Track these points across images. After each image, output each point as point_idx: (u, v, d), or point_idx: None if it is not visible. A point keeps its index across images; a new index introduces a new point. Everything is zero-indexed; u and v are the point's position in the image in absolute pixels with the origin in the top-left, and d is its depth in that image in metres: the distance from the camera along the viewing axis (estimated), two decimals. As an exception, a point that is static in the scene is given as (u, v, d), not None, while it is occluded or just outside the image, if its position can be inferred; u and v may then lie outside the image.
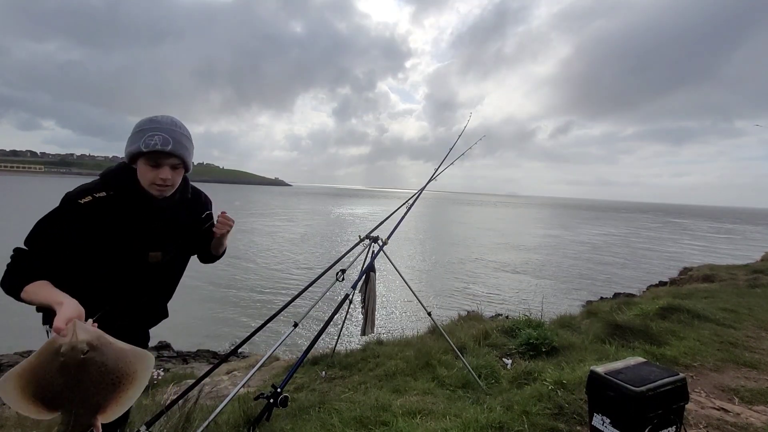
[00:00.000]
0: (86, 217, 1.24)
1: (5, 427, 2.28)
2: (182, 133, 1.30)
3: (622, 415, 1.68)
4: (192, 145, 1.35)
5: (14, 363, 6.74)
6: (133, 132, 1.27)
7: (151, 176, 1.26)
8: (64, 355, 0.87)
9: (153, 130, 1.24)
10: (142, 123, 1.27)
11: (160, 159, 1.25)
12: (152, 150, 1.22)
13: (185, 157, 1.30)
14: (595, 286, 16.91)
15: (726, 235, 49.02)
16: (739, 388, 2.69)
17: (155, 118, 1.28)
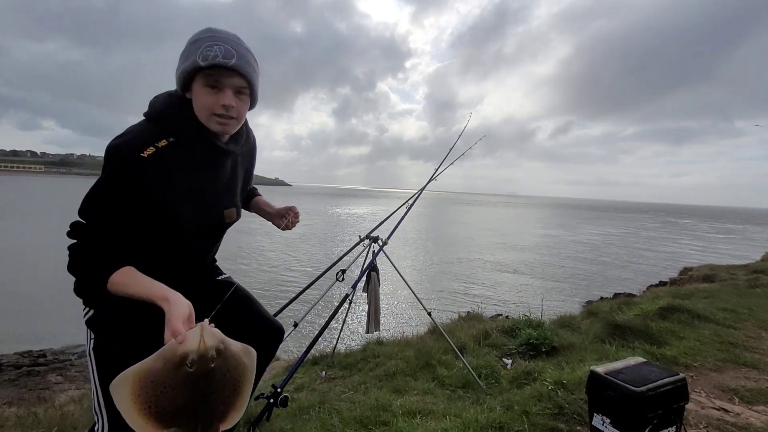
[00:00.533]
0: (151, 173, 0.96)
1: (5, 427, 2.27)
2: (248, 49, 1.01)
3: (622, 415, 1.68)
4: (259, 69, 1.05)
5: (14, 363, 6.76)
6: (186, 45, 0.99)
7: (210, 102, 0.97)
8: (193, 365, 0.76)
9: (211, 41, 0.95)
10: (196, 34, 0.99)
11: (222, 78, 0.96)
12: (212, 63, 0.93)
13: (253, 79, 1.01)
14: (595, 286, 16.90)
15: (726, 235, 49.04)
16: (739, 388, 2.69)
17: (214, 28, 1.00)
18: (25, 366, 6.65)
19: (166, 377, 0.76)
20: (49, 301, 12.18)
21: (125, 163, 0.95)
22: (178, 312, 0.86)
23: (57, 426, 2.24)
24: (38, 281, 14.31)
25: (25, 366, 6.65)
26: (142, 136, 1.00)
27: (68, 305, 6.65)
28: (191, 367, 0.76)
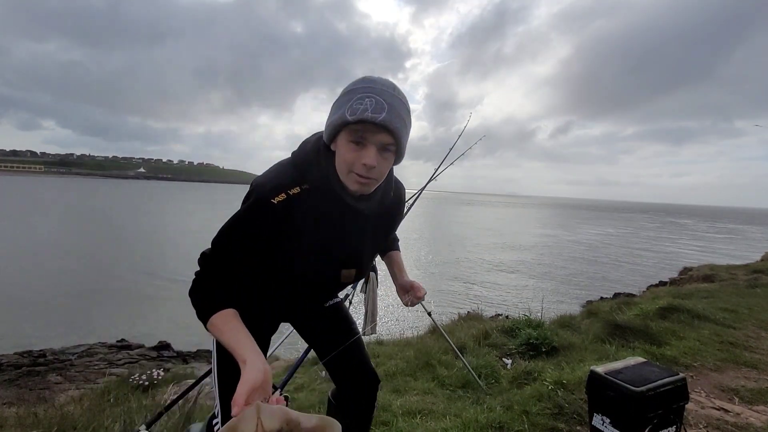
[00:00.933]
0: (279, 220, 0.97)
1: (5, 426, 2.28)
2: (401, 100, 0.94)
3: (622, 415, 1.68)
4: (410, 123, 0.99)
5: (14, 363, 6.76)
6: (340, 96, 0.96)
7: (351, 159, 0.92)
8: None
9: (364, 93, 0.90)
10: (352, 83, 0.95)
11: (367, 133, 0.90)
12: (360, 118, 0.88)
13: (400, 136, 0.93)
14: (595, 286, 16.91)
15: (726, 235, 49.05)
16: (739, 388, 2.70)
17: (371, 77, 0.95)
18: (25, 366, 6.65)
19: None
20: (49, 301, 12.19)
21: (257, 205, 0.97)
22: (249, 378, 0.82)
23: (57, 426, 2.24)
24: (38, 281, 14.32)
25: (25, 366, 6.65)
26: (280, 180, 1.00)
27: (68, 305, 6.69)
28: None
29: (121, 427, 2.23)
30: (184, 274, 16.64)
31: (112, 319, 10.96)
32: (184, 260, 19.27)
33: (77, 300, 12.48)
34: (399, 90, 0.95)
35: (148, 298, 13.12)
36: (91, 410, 2.60)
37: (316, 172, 0.99)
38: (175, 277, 16.06)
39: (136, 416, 2.37)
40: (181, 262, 18.77)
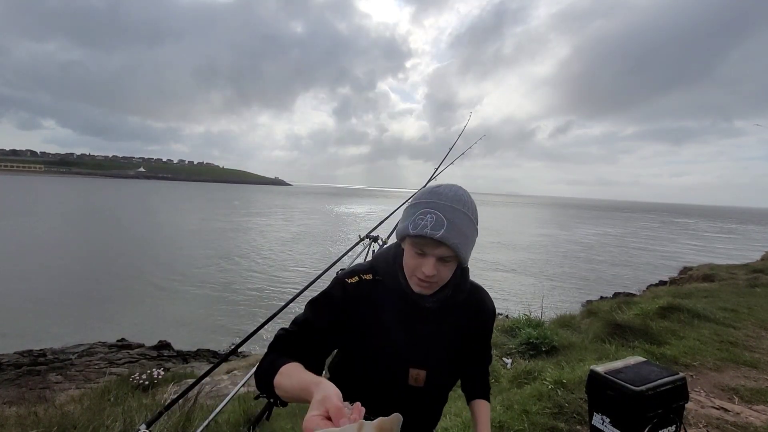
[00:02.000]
0: (350, 299, 1.05)
1: (6, 426, 2.28)
2: (464, 213, 0.98)
3: (622, 414, 1.68)
4: (476, 230, 1.02)
5: (15, 362, 6.76)
6: (410, 205, 1.03)
7: (413, 265, 0.99)
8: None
9: (428, 206, 0.97)
10: (421, 194, 1.02)
11: (427, 247, 0.95)
12: (419, 234, 0.94)
13: (459, 249, 0.95)
14: (595, 285, 16.92)
15: (726, 235, 49.05)
16: (738, 388, 2.70)
17: (438, 189, 1.00)
18: (26, 365, 6.65)
19: None
20: (49, 300, 12.19)
21: (335, 283, 1.09)
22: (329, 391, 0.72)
23: (57, 425, 2.24)
24: (38, 281, 14.32)
25: (26, 365, 6.65)
26: (356, 268, 1.12)
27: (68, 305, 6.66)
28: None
29: (122, 426, 2.24)
30: (183, 273, 16.65)
31: (112, 318, 10.96)
32: (184, 260, 19.27)
33: (77, 299, 12.48)
34: (465, 201, 0.99)
35: (148, 298, 13.12)
36: (92, 409, 2.60)
37: (386, 267, 1.09)
38: (175, 276, 16.07)
39: (136, 415, 2.37)
40: (181, 262, 18.78)
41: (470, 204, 1.00)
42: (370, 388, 1.07)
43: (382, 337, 1.05)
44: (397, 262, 1.06)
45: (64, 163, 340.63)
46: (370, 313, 1.05)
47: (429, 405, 1.15)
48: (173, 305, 12.57)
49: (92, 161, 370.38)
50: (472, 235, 1.01)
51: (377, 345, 1.05)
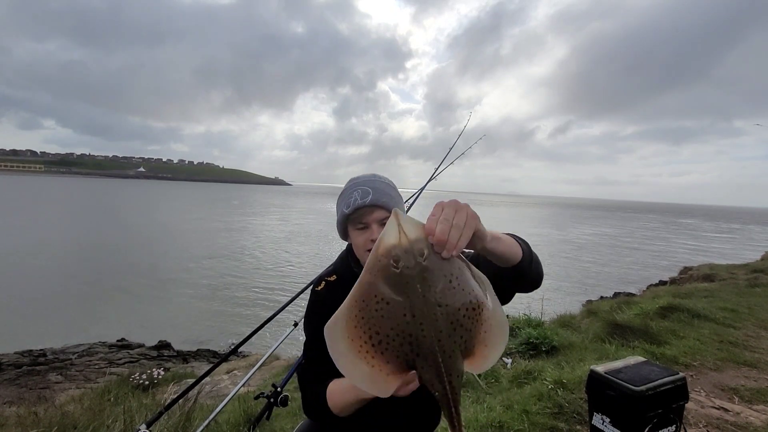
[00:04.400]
0: (321, 305, 1.15)
1: (6, 426, 2.28)
2: (382, 181, 1.13)
3: (622, 414, 1.68)
4: (399, 195, 1.15)
5: (15, 362, 6.76)
6: (337, 202, 1.15)
7: (361, 241, 1.07)
8: (398, 262, 0.60)
9: (351, 188, 1.10)
10: (343, 188, 1.16)
11: (365, 217, 1.06)
12: (354, 207, 1.05)
13: (391, 207, 1.05)
14: (595, 285, 16.92)
15: (727, 235, 49.05)
16: (738, 388, 2.70)
17: (353, 177, 1.16)
18: (26, 365, 6.65)
19: (377, 287, 0.62)
20: (49, 300, 12.19)
21: (310, 296, 1.20)
22: None
23: (57, 425, 2.24)
24: (38, 280, 14.32)
25: (26, 365, 6.65)
26: (322, 274, 1.23)
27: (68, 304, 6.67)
28: (397, 265, 0.60)
29: (122, 426, 2.24)
30: (183, 273, 16.65)
31: (112, 318, 10.96)
32: (184, 260, 19.27)
33: (77, 299, 12.48)
34: (380, 176, 1.15)
35: (148, 298, 13.12)
36: (92, 409, 2.61)
37: (341, 263, 1.20)
38: (175, 276, 16.07)
39: (136, 415, 2.37)
40: (181, 262, 18.78)
41: (386, 178, 1.14)
42: None
43: None
44: (349, 255, 1.18)
45: (64, 163, 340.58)
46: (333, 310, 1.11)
47: None
48: (173, 305, 12.57)
49: (92, 161, 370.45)
50: (398, 196, 1.13)
51: None
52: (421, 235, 0.62)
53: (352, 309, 0.64)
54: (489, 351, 0.65)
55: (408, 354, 0.63)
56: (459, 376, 0.64)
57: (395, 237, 0.61)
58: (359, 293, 0.64)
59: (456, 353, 0.63)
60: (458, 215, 0.64)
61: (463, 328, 0.63)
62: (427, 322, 0.61)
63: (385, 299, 0.62)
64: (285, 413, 2.66)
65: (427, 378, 0.63)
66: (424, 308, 0.61)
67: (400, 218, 0.63)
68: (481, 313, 0.64)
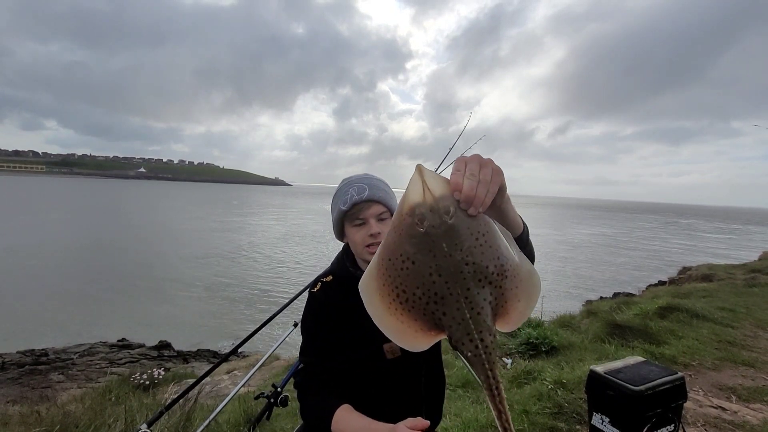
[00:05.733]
0: (318, 306, 1.17)
1: (9, 424, 2.29)
2: (376, 178, 1.16)
3: (622, 413, 1.69)
4: (392, 192, 1.17)
5: (17, 361, 6.78)
6: (332, 202, 1.17)
7: (360, 237, 1.08)
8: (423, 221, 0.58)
9: (346, 187, 1.12)
10: (337, 188, 1.18)
11: (362, 212, 1.08)
12: (351, 204, 1.07)
13: (388, 202, 1.11)
14: (595, 285, 16.92)
15: (728, 235, 49.02)
16: (736, 387, 2.71)
17: (346, 177, 1.18)
18: (28, 364, 6.66)
19: (403, 247, 0.60)
20: (50, 300, 12.20)
21: (308, 298, 1.21)
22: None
23: (59, 424, 2.25)
24: (39, 281, 14.33)
25: (28, 364, 6.66)
26: (319, 276, 1.23)
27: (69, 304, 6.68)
28: (422, 224, 0.58)
29: (123, 425, 2.25)
30: (183, 273, 16.65)
31: (113, 318, 10.97)
32: (184, 260, 19.28)
33: (78, 299, 12.49)
34: (372, 174, 1.17)
35: (149, 298, 13.13)
36: (93, 409, 2.62)
37: (337, 263, 1.21)
38: (175, 276, 16.08)
39: (137, 415, 2.38)
40: (181, 262, 18.79)
41: (380, 177, 1.17)
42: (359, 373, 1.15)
43: (351, 325, 1.13)
44: (345, 255, 1.19)
45: (66, 164, 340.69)
46: (337, 309, 1.15)
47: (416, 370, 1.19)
48: (173, 305, 12.58)
49: (93, 162, 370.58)
50: (391, 192, 1.16)
51: (350, 336, 1.14)
52: (447, 192, 0.59)
53: (380, 267, 0.63)
54: (523, 305, 0.63)
55: (435, 312, 0.61)
56: (491, 335, 0.61)
57: (419, 194, 0.59)
58: (385, 252, 0.63)
59: (486, 311, 0.61)
60: (484, 171, 0.61)
61: (492, 285, 0.61)
62: (454, 281, 0.59)
63: (411, 258, 0.60)
64: (285, 413, 2.66)
65: (457, 337, 0.61)
66: (450, 267, 0.59)
67: (425, 174, 0.60)
68: (511, 269, 0.62)
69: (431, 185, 0.59)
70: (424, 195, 0.59)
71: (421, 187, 0.59)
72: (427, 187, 0.59)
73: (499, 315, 0.63)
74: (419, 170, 0.61)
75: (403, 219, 0.60)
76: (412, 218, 0.59)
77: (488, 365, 0.61)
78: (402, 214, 0.61)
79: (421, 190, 0.59)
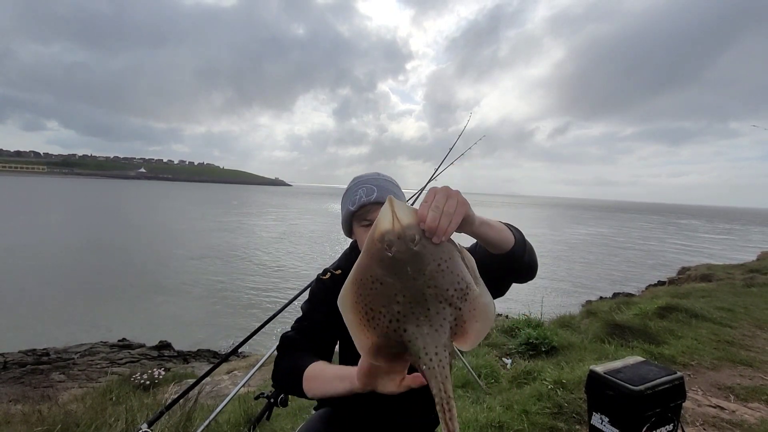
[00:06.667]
0: (326, 294, 1.16)
1: (12, 423, 2.30)
2: (386, 179, 1.16)
3: (621, 413, 1.69)
4: (402, 193, 1.19)
5: (19, 361, 6.79)
6: (342, 200, 1.18)
7: None
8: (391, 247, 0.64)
9: (356, 186, 1.13)
10: (347, 186, 1.19)
11: (370, 214, 1.08)
12: (359, 205, 1.08)
13: None
14: (595, 285, 16.93)
15: (732, 236, 49.02)
16: (734, 386, 2.72)
17: (357, 176, 1.18)
18: (29, 364, 6.67)
19: (373, 269, 0.66)
20: (51, 299, 12.21)
21: (315, 282, 1.23)
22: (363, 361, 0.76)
23: (61, 423, 2.26)
24: (40, 281, 14.34)
25: (29, 364, 6.67)
26: (328, 267, 1.25)
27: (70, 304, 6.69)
28: (390, 249, 0.64)
29: (123, 425, 2.26)
30: (183, 273, 16.66)
31: (113, 318, 10.98)
32: (184, 260, 19.29)
33: (78, 299, 12.49)
34: (383, 174, 1.18)
35: (149, 298, 13.13)
36: (94, 408, 2.63)
37: (345, 259, 1.24)
38: (175, 276, 16.09)
39: (138, 414, 2.39)
40: (181, 262, 18.80)
41: (388, 176, 1.18)
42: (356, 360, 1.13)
43: None
44: (353, 252, 1.21)
45: (67, 164, 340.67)
46: None
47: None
48: (173, 305, 12.59)
49: (94, 162, 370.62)
50: (400, 193, 1.18)
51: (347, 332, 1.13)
52: (413, 222, 0.66)
53: (354, 285, 0.68)
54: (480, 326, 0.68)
55: (396, 330, 0.66)
56: (446, 350, 0.66)
57: (389, 223, 0.65)
58: (358, 273, 0.68)
59: (443, 329, 0.66)
60: (449, 202, 0.68)
61: (451, 307, 0.66)
62: (417, 301, 0.65)
63: (379, 280, 0.66)
64: (285, 413, 2.67)
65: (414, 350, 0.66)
66: (413, 289, 0.65)
67: (395, 205, 0.67)
68: (469, 293, 0.67)
69: (400, 215, 0.66)
70: (393, 224, 0.65)
71: (390, 216, 0.65)
72: (396, 216, 0.65)
73: (458, 334, 0.67)
74: (390, 201, 0.67)
75: (374, 244, 0.66)
76: (382, 244, 0.65)
77: (440, 378, 0.65)
78: (373, 240, 0.66)
79: (391, 219, 0.65)
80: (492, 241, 0.86)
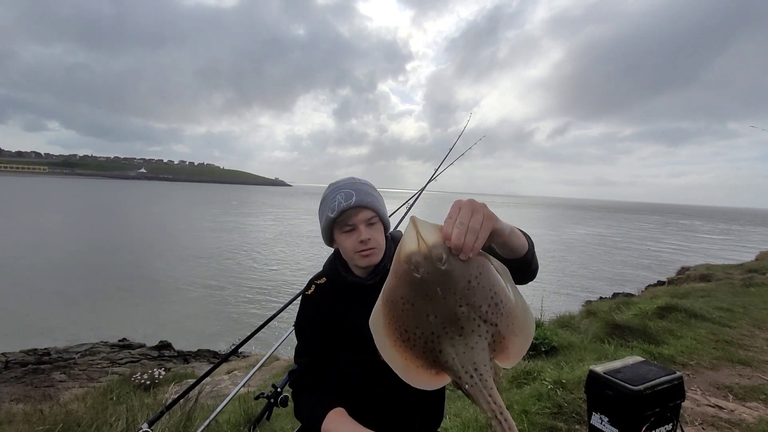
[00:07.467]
0: (314, 308, 1.17)
1: (13, 422, 2.30)
2: (363, 182, 1.15)
3: (620, 413, 1.70)
4: (380, 195, 1.18)
5: (20, 360, 6.79)
6: (319, 207, 1.16)
7: (350, 243, 1.07)
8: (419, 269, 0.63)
9: (333, 193, 1.11)
10: (323, 194, 1.17)
11: (351, 218, 1.07)
12: (339, 211, 1.06)
13: (376, 207, 1.10)
14: (595, 285, 16.93)
15: (732, 236, 48.98)
16: (733, 386, 2.73)
17: (333, 182, 1.17)
18: (31, 364, 6.68)
19: (402, 291, 0.65)
20: (52, 299, 12.22)
21: (301, 300, 1.22)
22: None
23: (62, 423, 2.27)
24: (41, 281, 14.34)
25: (31, 364, 6.68)
26: (312, 278, 1.23)
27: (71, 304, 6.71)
28: (417, 271, 0.63)
29: (124, 424, 2.26)
30: (184, 273, 16.66)
31: (114, 318, 10.99)
32: (184, 260, 19.29)
33: (79, 299, 12.50)
34: (359, 178, 1.16)
35: (149, 298, 13.14)
36: (95, 408, 2.63)
37: (329, 266, 1.21)
38: (175, 277, 16.09)
39: (138, 414, 2.39)
40: (181, 262, 18.80)
41: (366, 180, 1.16)
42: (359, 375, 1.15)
43: (347, 327, 1.14)
44: (336, 259, 1.19)
45: (68, 165, 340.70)
46: (332, 311, 1.16)
47: None
48: (174, 306, 12.59)
49: (95, 162, 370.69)
50: (379, 196, 1.16)
51: (347, 337, 1.14)
52: (438, 241, 0.64)
53: (385, 307, 0.68)
54: (521, 340, 0.67)
55: (433, 350, 0.66)
56: (487, 366, 0.65)
57: (414, 243, 0.64)
58: (387, 296, 0.68)
59: (480, 346, 0.65)
60: (474, 218, 0.65)
61: (487, 323, 0.65)
62: (450, 321, 0.64)
63: (410, 301, 0.65)
64: (285, 413, 2.68)
65: (453, 371, 0.66)
66: (445, 309, 0.64)
67: (418, 224, 0.65)
68: (504, 306, 0.67)
69: (424, 234, 0.64)
70: (419, 244, 0.64)
71: (415, 237, 0.64)
72: (421, 236, 0.64)
73: (499, 351, 0.67)
74: (413, 221, 0.66)
75: (401, 266, 0.65)
76: (409, 265, 0.64)
77: (486, 392, 0.64)
78: (400, 261, 0.66)
79: (416, 239, 0.64)
80: (514, 247, 0.84)
